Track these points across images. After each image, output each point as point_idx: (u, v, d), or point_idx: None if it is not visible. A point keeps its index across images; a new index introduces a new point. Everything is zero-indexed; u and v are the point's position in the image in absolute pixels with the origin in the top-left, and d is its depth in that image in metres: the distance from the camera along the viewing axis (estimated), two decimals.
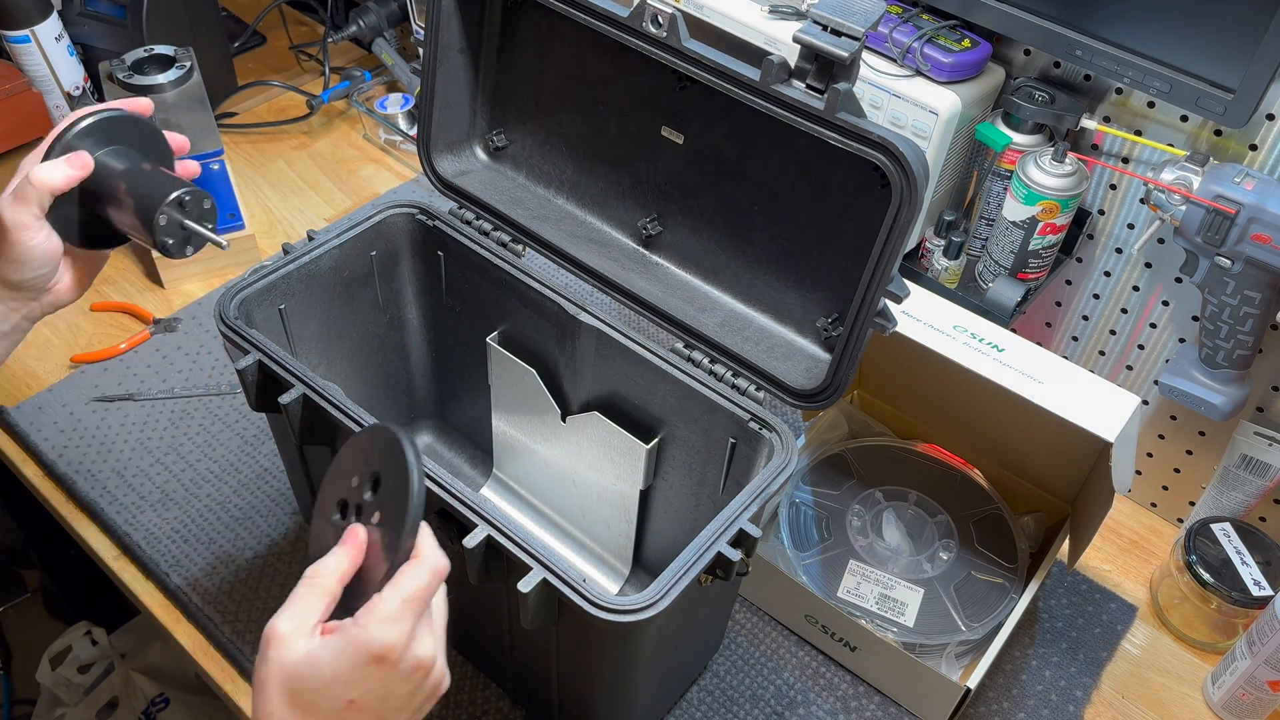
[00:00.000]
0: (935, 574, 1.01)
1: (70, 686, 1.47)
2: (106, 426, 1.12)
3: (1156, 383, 1.06)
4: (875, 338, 0.78)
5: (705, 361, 0.87)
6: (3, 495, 1.50)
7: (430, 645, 0.58)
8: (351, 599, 0.59)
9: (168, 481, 1.08)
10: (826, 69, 0.69)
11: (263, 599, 0.99)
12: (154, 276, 1.29)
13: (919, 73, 0.98)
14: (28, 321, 0.81)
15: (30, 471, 1.09)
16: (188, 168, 0.84)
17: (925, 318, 0.93)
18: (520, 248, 0.96)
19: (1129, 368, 1.10)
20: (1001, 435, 1.03)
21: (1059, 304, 1.12)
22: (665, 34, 0.76)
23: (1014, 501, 1.08)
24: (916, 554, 1.03)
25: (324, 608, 0.57)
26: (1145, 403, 1.10)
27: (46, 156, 0.77)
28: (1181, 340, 1.04)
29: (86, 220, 0.79)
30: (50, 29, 1.37)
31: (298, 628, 0.56)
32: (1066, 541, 1.01)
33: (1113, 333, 1.09)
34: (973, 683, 0.87)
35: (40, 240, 0.76)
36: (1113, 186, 1.02)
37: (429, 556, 0.58)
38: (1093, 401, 0.87)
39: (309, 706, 0.55)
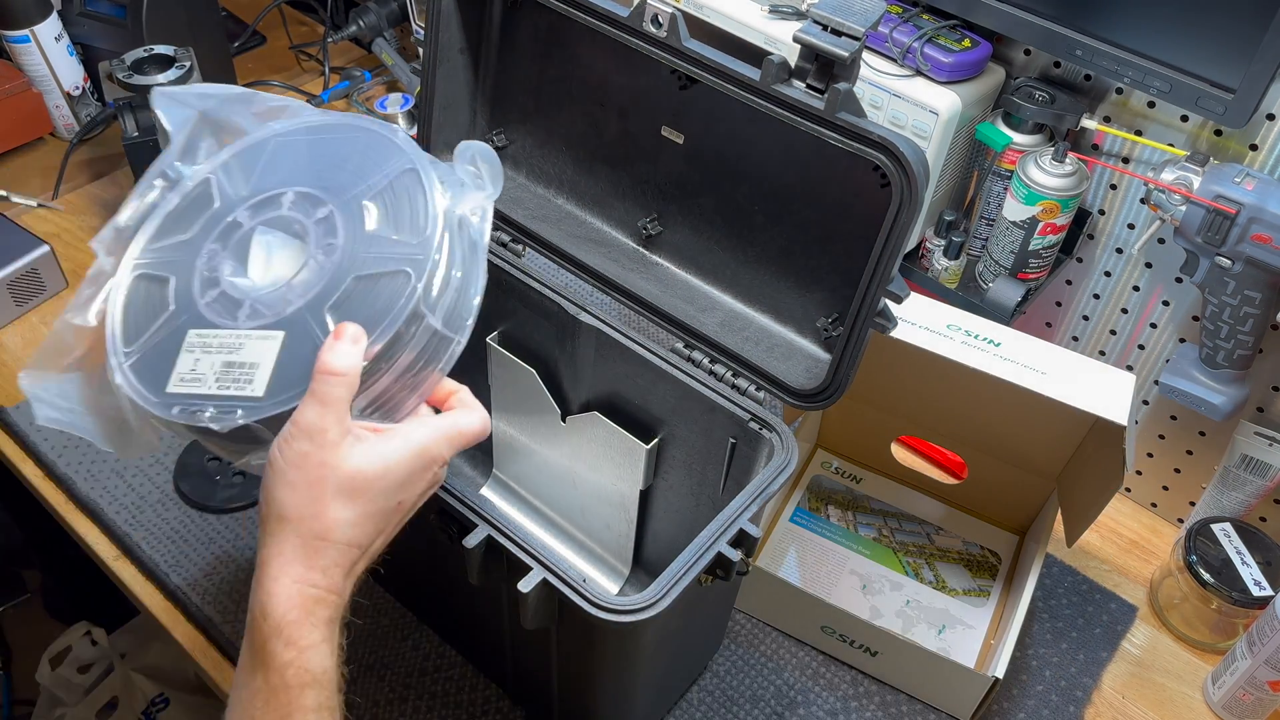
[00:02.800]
0: (301, 301, 0.64)
1: (70, 687, 1.46)
2: None
3: (1157, 383, 1.06)
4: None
5: (705, 361, 0.87)
6: (2, 495, 1.49)
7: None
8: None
9: (167, 481, 1.08)
10: (827, 69, 0.69)
11: None
12: None
13: (919, 72, 0.98)
14: None
15: (30, 471, 1.09)
16: None
17: (916, 319, 0.93)
18: (520, 248, 0.96)
19: (1129, 368, 1.10)
20: (986, 422, 1.03)
21: (1059, 304, 1.12)
22: (665, 34, 0.75)
23: (991, 482, 1.09)
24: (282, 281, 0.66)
25: (349, 401, 0.58)
26: (1145, 403, 1.10)
27: None
28: (1182, 340, 1.04)
29: None
30: (50, 29, 1.37)
31: (342, 429, 0.57)
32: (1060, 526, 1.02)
33: (1113, 333, 1.09)
34: (999, 672, 0.87)
35: None
36: (1113, 186, 1.02)
37: (480, 412, 0.64)
38: (1092, 385, 0.87)
39: (368, 503, 0.57)
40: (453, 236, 0.64)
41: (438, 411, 0.65)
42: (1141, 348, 1.08)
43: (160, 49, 1.21)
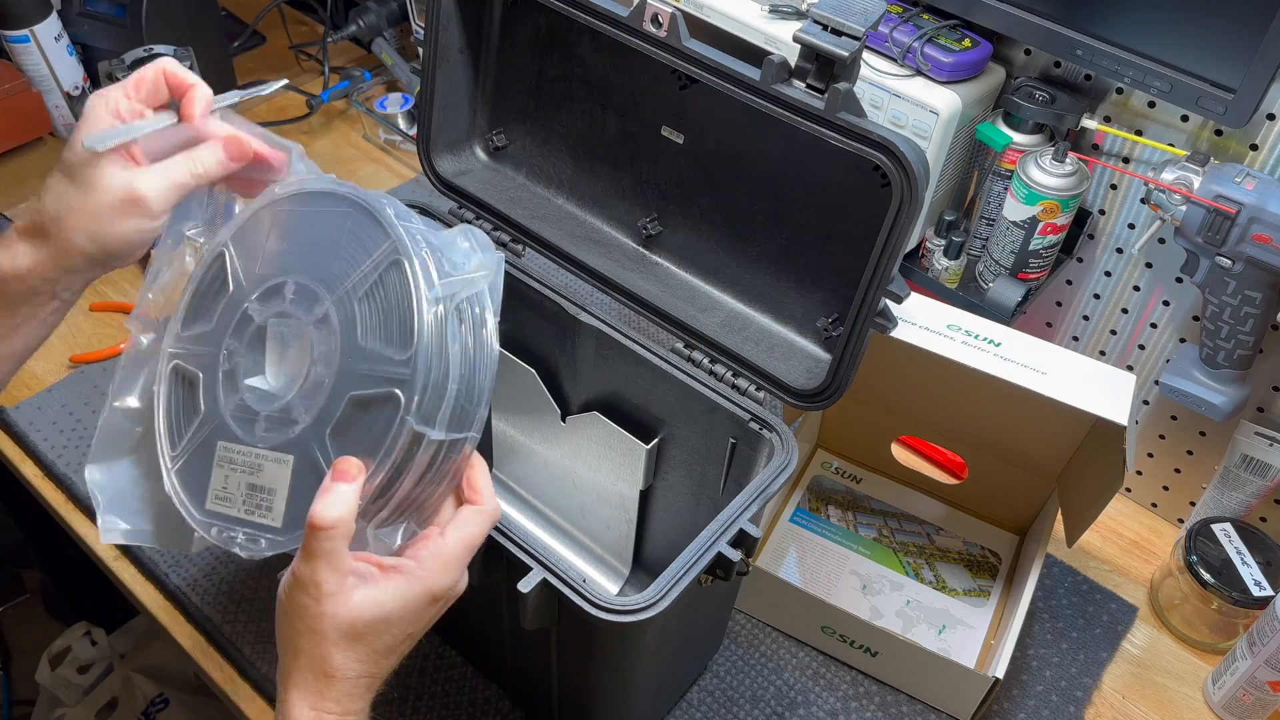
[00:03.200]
0: (307, 419, 0.63)
1: (69, 687, 1.46)
2: None
3: (1157, 383, 1.06)
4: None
5: (705, 361, 0.87)
6: (2, 495, 1.49)
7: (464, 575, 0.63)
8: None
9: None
10: (827, 69, 0.69)
11: (262, 599, 0.98)
12: None
13: (919, 72, 0.98)
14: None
15: (29, 471, 1.09)
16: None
17: (916, 319, 0.93)
18: (520, 248, 0.96)
19: (1129, 368, 1.10)
20: (986, 422, 1.03)
21: (1059, 304, 1.12)
22: (665, 34, 0.75)
23: (991, 482, 1.09)
24: (289, 389, 0.65)
25: (346, 550, 0.59)
26: (1146, 403, 1.10)
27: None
28: (1182, 340, 1.04)
29: None
30: (49, 29, 1.37)
31: (340, 579, 0.58)
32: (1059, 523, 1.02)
33: (1113, 333, 1.09)
34: (999, 673, 0.87)
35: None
36: (1113, 186, 1.02)
37: (489, 503, 0.62)
38: (1092, 385, 0.87)
39: (372, 644, 0.59)
40: (445, 338, 0.61)
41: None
42: (1142, 348, 1.08)
43: (160, 49, 1.21)
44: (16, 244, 0.68)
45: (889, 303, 0.76)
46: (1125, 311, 1.07)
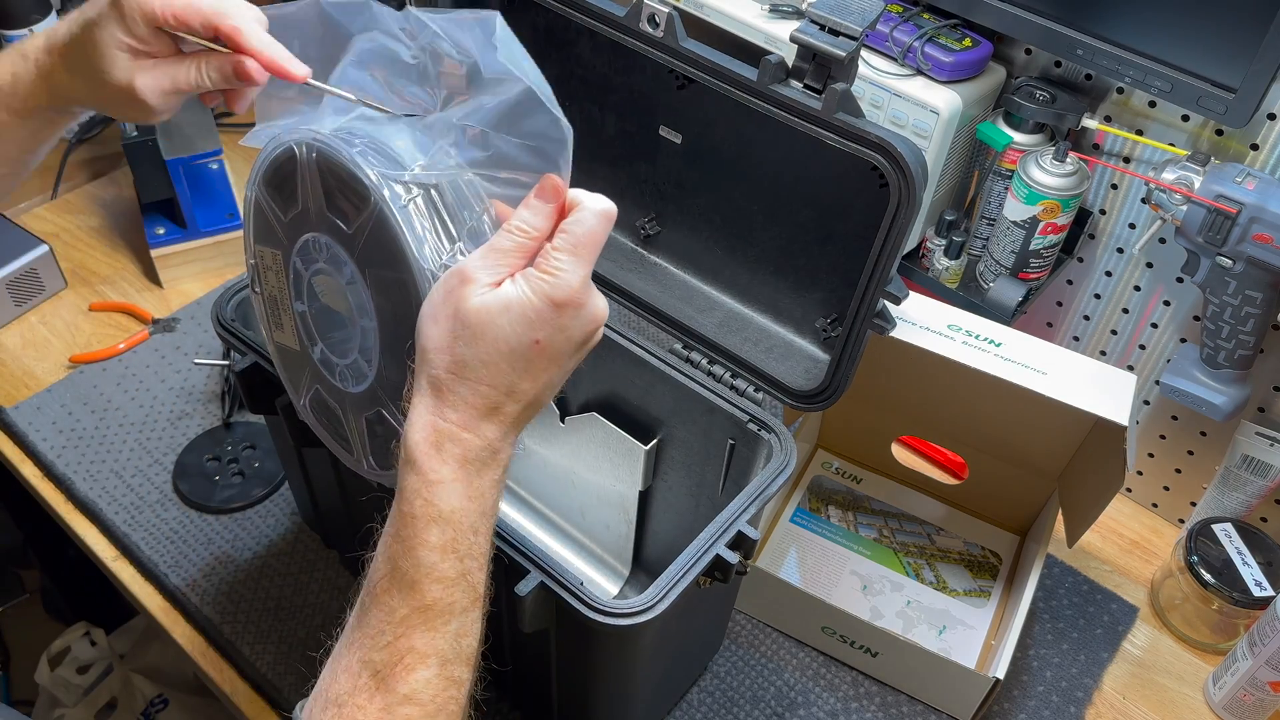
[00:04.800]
0: (372, 375, 0.68)
1: (69, 687, 1.46)
2: (105, 426, 1.12)
3: (1158, 383, 1.06)
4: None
5: (704, 362, 0.87)
6: (1, 496, 1.49)
7: (597, 293, 0.60)
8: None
9: (166, 482, 1.08)
10: (824, 69, 0.69)
11: (261, 599, 0.98)
12: (152, 276, 1.29)
13: (920, 72, 0.98)
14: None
15: (29, 471, 1.09)
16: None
17: (917, 319, 0.93)
18: None
19: (1130, 368, 1.09)
20: (987, 422, 1.03)
21: (1060, 304, 1.12)
22: (662, 34, 0.75)
23: (992, 482, 1.09)
24: (350, 347, 0.70)
25: (520, 267, 0.57)
26: (1146, 403, 1.10)
27: None
28: (1183, 340, 1.04)
29: None
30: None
31: (490, 279, 0.56)
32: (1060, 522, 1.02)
33: (1114, 333, 1.09)
34: (1000, 673, 0.87)
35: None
36: (1114, 186, 1.02)
37: (593, 202, 0.59)
38: (1093, 385, 0.87)
39: (494, 343, 0.56)
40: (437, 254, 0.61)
41: None
42: (1142, 348, 1.08)
43: None
44: (42, 59, 0.70)
45: (887, 303, 0.76)
46: (1126, 311, 1.07)
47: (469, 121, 0.61)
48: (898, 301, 0.75)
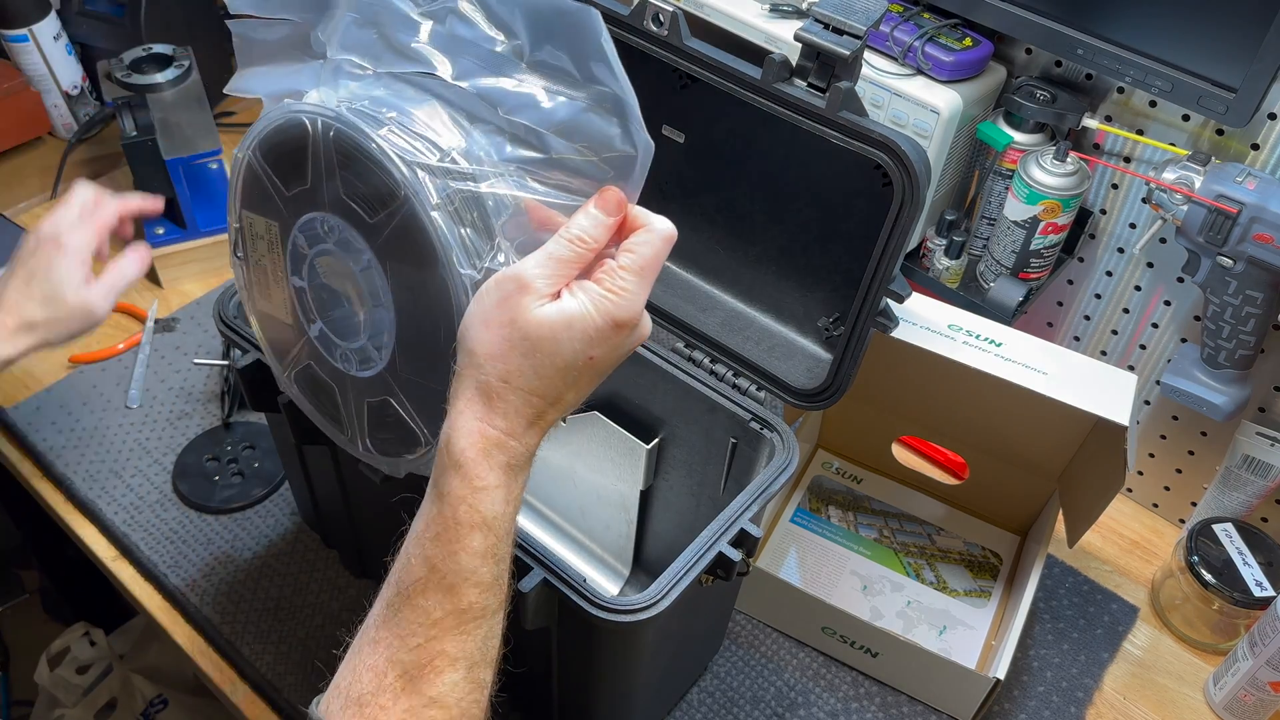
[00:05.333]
0: (383, 362, 0.67)
1: (68, 687, 1.46)
2: (104, 427, 1.12)
3: (1158, 383, 1.06)
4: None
5: (706, 361, 0.87)
6: (1, 496, 1.49)
7: (647, 313, 0.59)
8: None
9: (166, 482, 1.07)
10: (828, 67, 0.69)
11: (261, 600, 0.98)
12: (152, 276, 1.29)
13: (920, 71, 0.98)
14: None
15: (28, 471, 1.09)
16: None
17: (917, 319, 0.93)
18: None
19: (1131, 368, 1.09)
20: (987, 422, 1.03)
21: (1060, 304, 1.12)
22: (666, 32, 0.75)
23: (992, 482, 1.09)
24: (357, 333, 0.68)
25: (573, 276, 0.56)
26: (1147, 403, 1.10)
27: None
28: (1183, 340, 1.04)
29: None
30: (49, 28, 1.36)
31: (548, 290, 0.55)
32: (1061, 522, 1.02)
33: (1115, 333, 1.09)
34: (1000, 673, 0.87)
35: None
36: (1114, 186, 1.02)
37: (659, 224, 0.58)
38: (1093, 385, 0.87)
39: (552, 357, 0.55)
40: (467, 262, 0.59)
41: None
42: (1143, 348, 1.08)
43: (159, 48, 1.21)
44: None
45: (890, 302, 0.76)
46: (1126, 311, 1.07)
47: (520, 118, 0.58)
48: (901, 300, 0.75)
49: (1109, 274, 1.06)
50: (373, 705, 0.54)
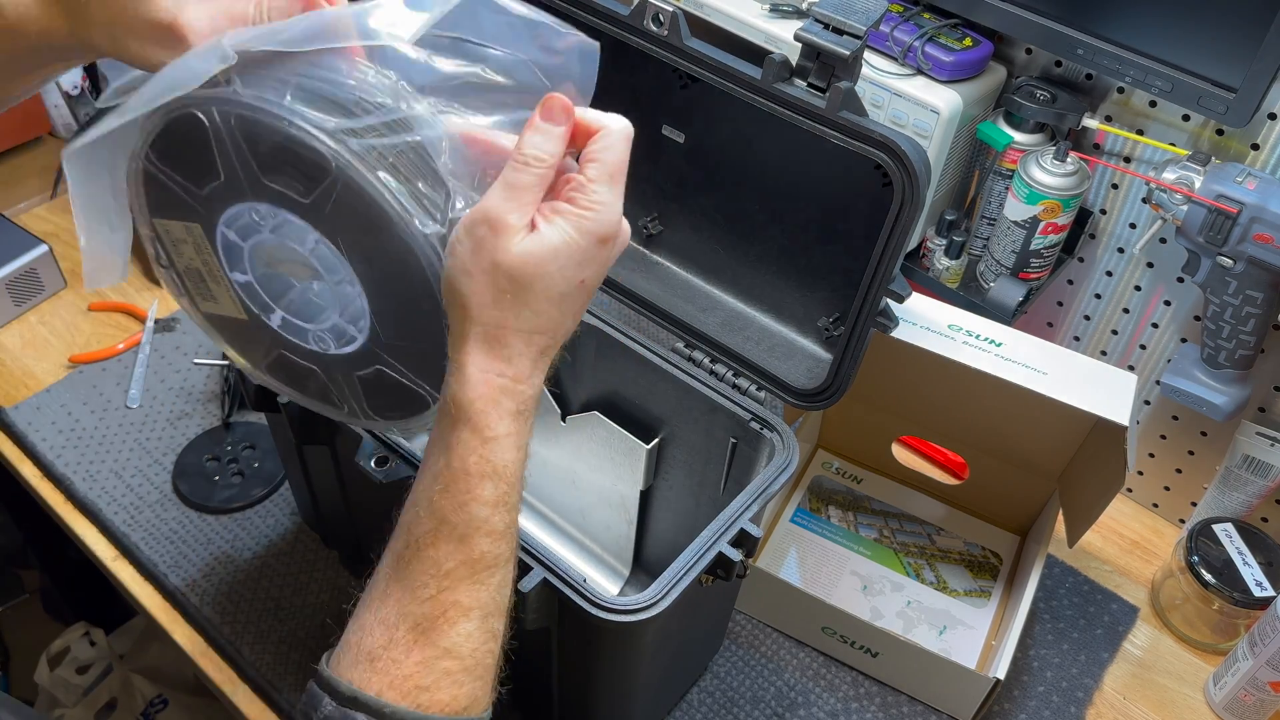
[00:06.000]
0: (363, 338, 0.64)
1: (68, 687, 1.46)
2: (105, 427, 1.12)
3: (1158, 383, 1.06)
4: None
5: (706, 361, 0.87)
6: (1, 496, 1.49)
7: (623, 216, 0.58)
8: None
9: (166, 482, 1.07)
10: (828, 67, 0.69)
11: (261, 599, 0.98)
12: (152, 276, 1.29)
13: (920, 71, 0.98)
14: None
15: (28, 472, 1.09)
16: None
17: (917, 319, 0.93)
18: None
19: (1131, 368, 1.09)
20: (988, 422, 1.03)
21: (1060, 304, 1.12)
22: (666, 33, 0.75)
23: (992, 482, 1.09)
24: (324, 316, 0.64)
25: (539, 199, 0.54)
26: (1147, 403, 1.10)
27: None
28: (1183, 340, 1.04)
29: None
30: None
31: (520, 221, 0.53)
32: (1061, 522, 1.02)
33: (1115, 333, 1.09)
34: (1000, 673, 0.87)
35: None
36: (1114, 186, 1.02)
37: (614, 123, 0.56)
38: (1093, 385, 0.87)
39: (545, 290, 0.54)
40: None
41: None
42: (1143, 348, 1.08)
43: None
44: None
45: (890, 302, 0.76)
46: (1126, 311, 1.07)
47: (444, 31, 0.55)
48: (901, 300, 0.75)
49: (1109, 274, 1.06)
50: (384, 659, 0.53)
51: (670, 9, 0.75)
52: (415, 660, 0.53)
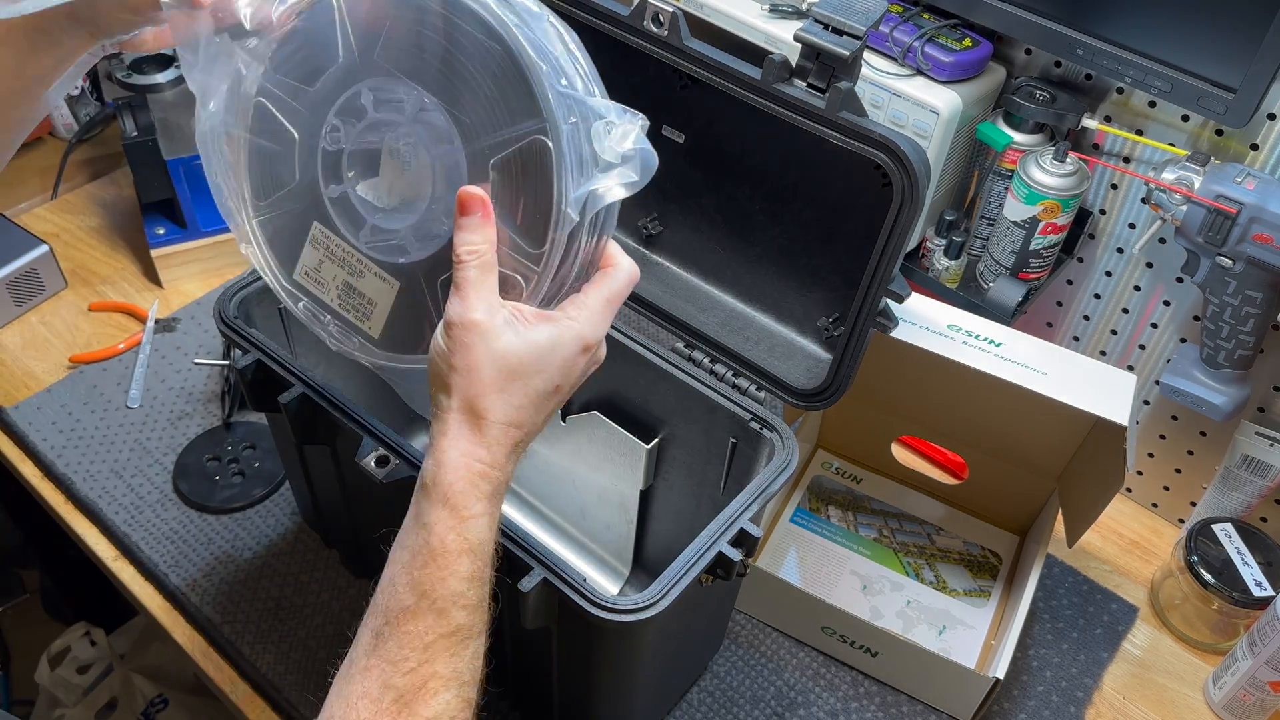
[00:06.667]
0: (418, 256, 0.64)
1: (69, 687, 1.46)
2: (105, 426, 1.12)
3: (1158, 383, 1.06)
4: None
5: (706, 361, 0.87)
6: (1, 496, 1.49)
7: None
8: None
9: (166, 482, 1.07)
10: (828, 68, 0.69)
11: (261, 599, 0.98)
12: (152, 276, 1.29)
13: (920, 72, 0.98)
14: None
15: (29, 471, 1.09)
16: None
17: (916, 319, 0.93)
18: None
19: (1130, 368, 1.10)
20: (987, 422, 1.03)
21: (1060, 304, 1.12)
22: (666, 33, 0.75)
23: (992, 482, 1.09)
24: (411, 213, 0.64)
25: (495, 284, 0.59)
26: (1147, 403, 1.10)
27: None
28: (1183, 340, 1.04)
29: None
30: None
31: (491, 312, 0.58)
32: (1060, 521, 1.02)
33: (1114, 333, 1.09)
34: (999, 673, 0.87)
35: None
36: (1114, 186, 1.02)
37: (625, 263, 0.62)
38: (1093, 385, 0.87)
39: (525, 385, 0.59)
40: (579, 242, 0.59)
41: None
42: (1142, 348, 1.08)
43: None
44: None
45: (890, 302, 0.76)
46: (1126, 311, 1.07)
47: None
48: (900, 300, 0.75)
49: (1108, 274, 1.06)
50: None
51: (670, 9, 0.75)
52: None
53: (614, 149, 0.58)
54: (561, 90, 0.57)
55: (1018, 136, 1.00)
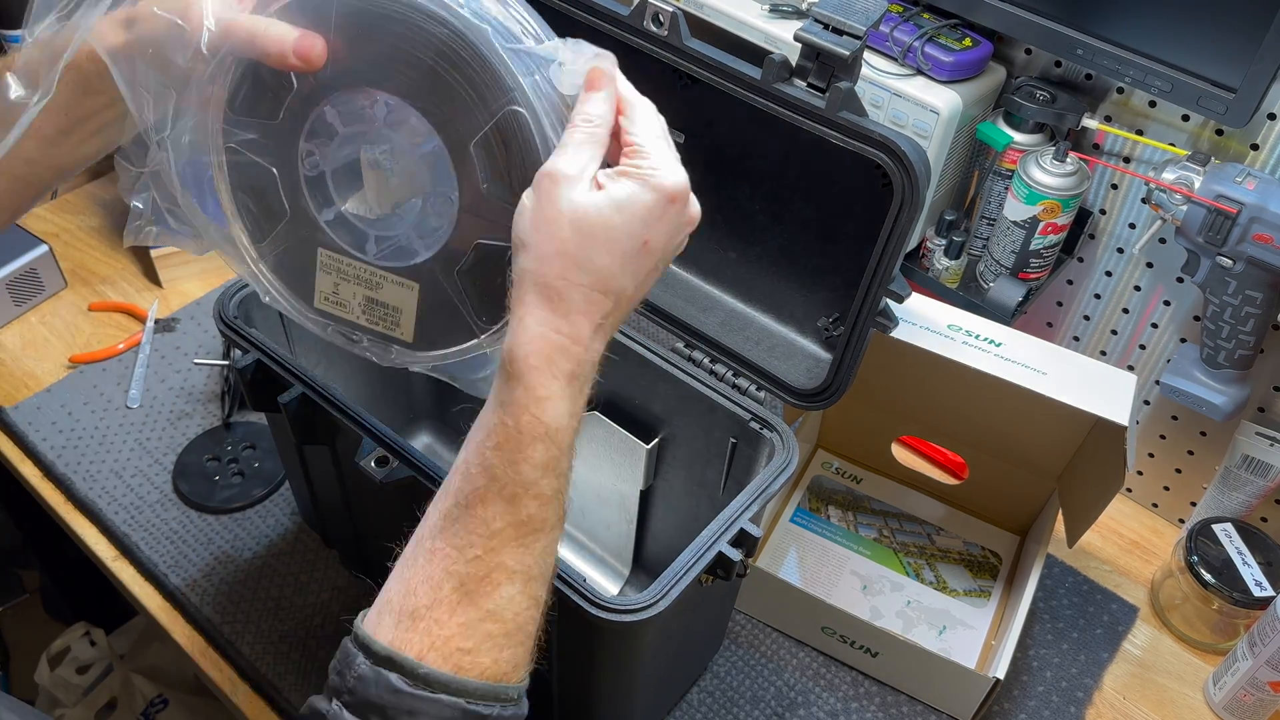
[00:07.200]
0: (427, 254, 0.64)
1: (69, 687, 1.46)
2: (105, 427, 1.12)
3: (1158, 383, 1.06)
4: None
5: (706, 361, 0.87)
6: (1, 496, 1.49)
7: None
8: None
9: (166, 482, 1.07)
10: (828, 68, 0.69)
11: (261, 599, 0.98)
12: (152, 276, 1.29)
13: (920, 72, 0.98)
14: None
15: (28, 471, 1.09)
16: None
17: (917, 319, 0.93)
18: None
19: (1130, 368, 1.09)
20: (987, 422, 1.03)
21: (1060, 304, 1.12)
22: (666, 33, 0.75)
23: (992, 482, 1.09)
24: (408, 214, 0.65)
25: (600, 158, 0.56)
26: (1147, 403, 1.10)
27: None
28: (1183, 340, 1.04)
29: None
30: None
31: (581, 173, 0.54)
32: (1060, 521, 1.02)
33: (1114, 333, 1.09)
34: (1000, 673, 0.87)
35: None
36: (1114, 186, 1.02)
37: (637, 97, 0.59)
38: (1093, 385, 0.87)
39: (608, 244, 0.54)
40: None
41: None
42: (1143, 348, 1.08)
43: None
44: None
45: (890, 302, 0.76)
46: (1126, 311, 1.07)
47: None
48: (900, 300, 0.75)
49: (1108, 274, 1.06)
50: (428, 619, 0.52)
51: (670, 9, 0.74)
52: (458, 621, 0.53)
53: (574, 83, 0.58)
54: (514, 50, 0.57)
55: (1018, 136, 1.00)
